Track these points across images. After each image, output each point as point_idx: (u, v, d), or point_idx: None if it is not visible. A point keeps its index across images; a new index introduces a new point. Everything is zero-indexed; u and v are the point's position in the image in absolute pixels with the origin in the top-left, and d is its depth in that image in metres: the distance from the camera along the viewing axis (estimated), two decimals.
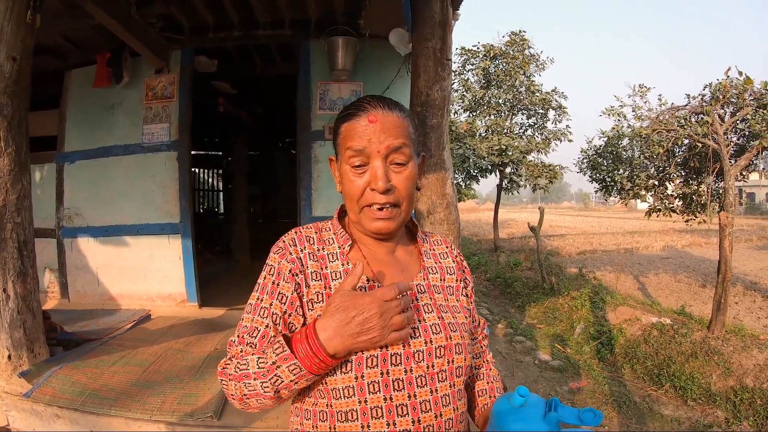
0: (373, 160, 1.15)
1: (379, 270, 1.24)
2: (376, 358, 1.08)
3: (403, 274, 1.26)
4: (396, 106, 1.21)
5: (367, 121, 1.15)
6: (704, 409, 5.16)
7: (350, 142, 1.16)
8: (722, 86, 6.78)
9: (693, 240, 18.71)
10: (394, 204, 1.18)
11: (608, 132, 9.92)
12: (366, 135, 1.14)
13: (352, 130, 1.16)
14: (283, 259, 1.19)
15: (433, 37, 3.54)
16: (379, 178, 1.14)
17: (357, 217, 1.21)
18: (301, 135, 5.72)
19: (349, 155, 1.16)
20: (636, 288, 10.56)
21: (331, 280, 1.18)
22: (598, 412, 0.94)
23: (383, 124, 1.15)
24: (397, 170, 1.17)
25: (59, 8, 4.78)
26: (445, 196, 3.53)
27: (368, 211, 1.18)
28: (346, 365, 1.07)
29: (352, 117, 1.17)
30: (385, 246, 1.28)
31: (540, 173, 14.68)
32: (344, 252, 1.24)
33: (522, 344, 7.12)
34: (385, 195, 1.15)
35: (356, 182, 1.17)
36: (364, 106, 1.18)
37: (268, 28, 5.67)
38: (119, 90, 5.82)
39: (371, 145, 1.14)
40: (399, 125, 1.17)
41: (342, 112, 1.22)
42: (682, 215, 8.93)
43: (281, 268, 1.18)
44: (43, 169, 6.20)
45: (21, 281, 3.52)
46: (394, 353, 1.09)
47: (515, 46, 14.79)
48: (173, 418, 2.97)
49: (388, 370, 1.08)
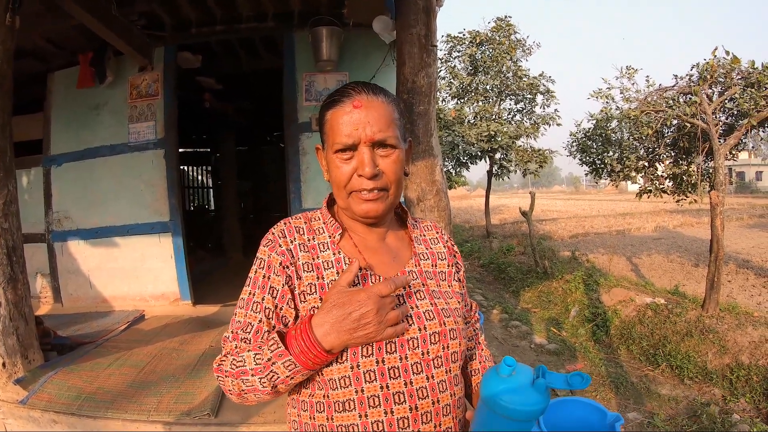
0: (360, 146, 1.15)
1: (371, 257, 1.24)
2: (371, 347, 1.09)
3: (394, 261, 1.27)
4: (381, 90, 1.21)
5: (352, 106, 1.14)
6: (701, 387, 5.19)
7: (336, 129, 1.15)
8: (710, 66, 6.78)
9: (684, 220, 18.82)
10: (381, 188, 1.17)
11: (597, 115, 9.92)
12: (352, 121, 1.14)
13: (337, 117, 1.16)
14: (273, 251, 1.19)
15: (417, 23, 3.51)
16: (366, 164, 1.13)
17: (345, 203, 1.21)
18: (289, 128, 5.68)
19: (335, 142, 1.15)
20: (629, 269, 10.61)
21: (324, 270, 1.19)
22: (585, 376, 0.94)
23: (368, 109, 1.14)
24: (383, 154, 1.17)
25: (39, 9, 4.70)
26: (434, 183, 3.51)
27: (356, 196, 1.18)
28: (341, 355, 1.08)
29: (336, 104, 1.17)
30: (375, 233, 1.28)
31: (530, 158, 14.68)
32: (335, 241, 1.24)
33: (517, 329, 7.14)
34: (373, 180, 1.16)
35: (343, 168, 1.16)
36: (348, 92, 1.17)
37: (251, 21, 5.62)
38: (103, 90, 5.75)
39: (357, 131, 1.13)
40: (384, 110, 1.17)
41: (326, 99, 1.22)
42: (672, 196, 8.95)
43: (272, 261, 1.18)
44: (30, 174, 6.12)
45: (12, 287, 3.48)
46: (389, 341, 1.10)
47: (501, 31, 14.75)
48: (170, 418, 2.96)
49: (383, 359, 1.09)
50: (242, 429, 2.90)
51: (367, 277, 1.19)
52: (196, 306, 5.81)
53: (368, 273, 1.20)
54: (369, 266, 1.21)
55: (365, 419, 1.07)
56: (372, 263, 1.23)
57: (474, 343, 1.46)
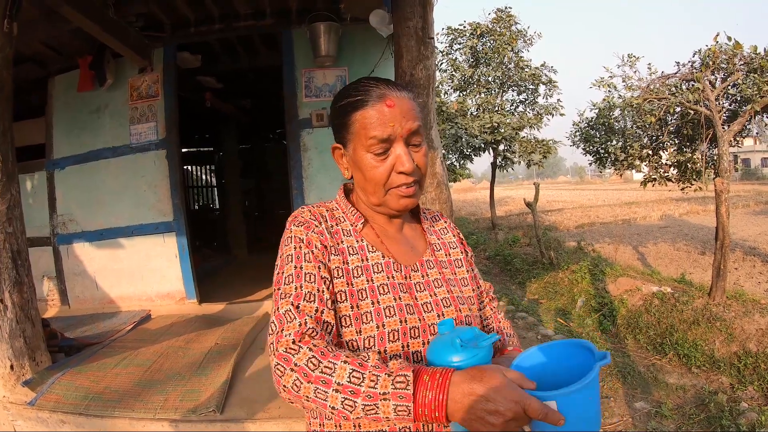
0: (396, 144, 1.18)
1: (391, 247, 1.28)
2: (397, 332, 1.12)
3: (412, 251, 1.31)
4: (402, 86, 1.24)
5: (386, 106, 1.16)
6: (708, 375, 5.18)
7: (369, 128, 1.16)
8: (712, 52, 6.75)
9: (690, 208, 18.74)
10: (416, 181, 1.22)
11: (599, 103, 9.90)
12: (388, 121, 1.16)
13: (370, 116, 1.17)
14: (310, 230, 1.20)
15: (413, 16, 3.51)
16: (406, 161, 1.16)
17: (381, 200, 1.23)
18: (289, 124, 5.68)
19: (372, 143, 1.16)
20: (635, 258, 10.58)
21: (348, 255, 1.21)
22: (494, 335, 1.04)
23: (401, 108, 1.17)
24: (415, 150, 1.21)
25: (37, 15, 4.71)
26: (435, 176, 3.52)
27: (394, 192, 1.21)
28: (369, 341, 1.11)
29: (364, 104, 1.18)
30: (395, 224, 1.32)
31: (533, 149, 14.64)
32: (357, 229, 1.27)
33: (524, 320, 7.14)
34: (412, 175, 1.19)
35: (380, 168, 1.18)
36: (372, 90, 1.18)
37: (249, 19, 5.61)
38: (104, 92, 5.76)
39: (394, 128, 1.16)
40: (412, 106, 1.20)
41: (346, 98, 1.22)
42: (677, 183, 8.93)
43: (311, 238, 1.19)
44: (34, 178, 6.15)
45: (17, 291, 3.50)
46: (413, 326, 1.14)
47: (502, 22, 14.69)
48: (176, 415, 2.98)
49: (408, 343, 1.13)
50: (248, 425, 2.91)
51: (390, 265, 1.22)
52: (202, 304, 5.82)
53: (391, 261, 1.23)
54: (392, 255, 1.25)
55: None
56: (393, 252, 1.26)
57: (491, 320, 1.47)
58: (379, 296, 1.16)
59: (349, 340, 1.12)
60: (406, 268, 1.24)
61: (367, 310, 1.13)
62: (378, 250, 1.23)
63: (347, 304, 1.14)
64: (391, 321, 1.12)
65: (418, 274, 1.25)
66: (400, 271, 1.22)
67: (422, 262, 1.28)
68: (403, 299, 1.17)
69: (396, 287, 1.18)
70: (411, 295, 1.19)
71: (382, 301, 1.15)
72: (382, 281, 1.18)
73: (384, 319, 1.12)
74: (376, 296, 1.15)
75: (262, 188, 12.83)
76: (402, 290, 1.18)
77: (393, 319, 1.13)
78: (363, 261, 1.21)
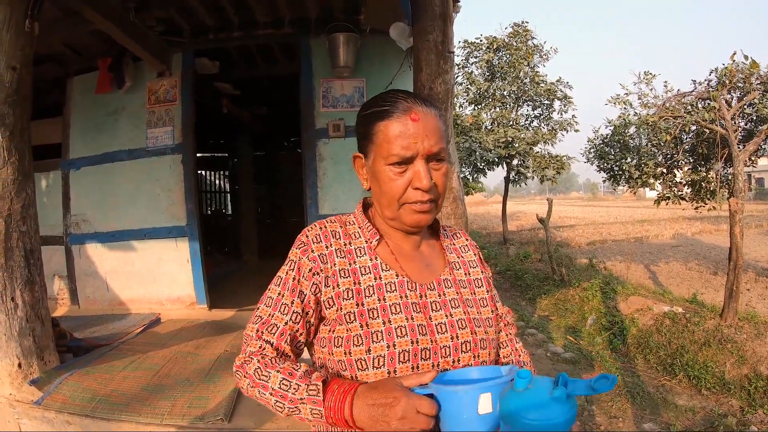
0: (417, 160, 1.15)
1: (406, 265, 1.25)
2: (408, 353, 1.10)
3: (427, 269, 1.27)
4: (429, 102, 1.21)
5: (410, 119, 1.14)
6: (718, 398, 5.11)
7: (392, 141, 1.14)
8: (728, 71, 6.70)
9: (703, 227, 18.58)
10: (433, 200, 1.18)
11: (615, 121, 9.84)
12: (411, 135, 1.13)
13: (393, 128, 1.15)
14: (305, 255, 1.20)
15: (434, 30, 3.50)
16: (423, 178, 1.14)
17: (395, 213, 1.20)
18: (306, 133, 5.70)
19: (392, 154, 1.14)
20: (647, 277, 10.48)
21: (360, 275, 1.19)
22: (611, 376, 0.90)
23: (425, 123, 1.15)
24: (436, 167, 1.18)
25: (58, 16, 4.78)
26: (451, 190, 3.49)
27: (408, 207, 1.18)
28: (378, 360, 1.10)
29: (389, 115, 1.16)
30: (411, 240, 1.29)
31: (547, 164, 14.61)
32: (372, 246, 1.24)
33: (534, 337, 7.08)
34: (428, 192, 1.16)
35: (398, 181, 1.16)
36: (401, 102, 1.16)
37: (268, 27, 5.66)
38: (122, 95, 5.83)
39: (416, 144, 1.13)
40: (437, 124, 1.18)
41: (372, 107, 1.20)
42: (691, 202, 8.86)
43: (302, 264, 1.20)
44: (49, 177, 6.21)
45: (29, 289, 3.53)
46: (424, 348, 1.12)
47: (518, 37, 14.71)
48: (183, 422, 2.97)
49: (418, 365, 1.10)
50: None
51: (404, 284, 1.19)
52: (212, 310, 5.83)
53: (405, 280, 1.20)
54: (406, 274, 1.22)
55: None
56: (407, 270, 1.23)
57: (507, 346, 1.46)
58: (391, 315, 1.13)
59: (358, 359, 1.10)
60: (421, 287, 1.21)
61: (378, 329, 1.11)
62: (392, 269, 1.21)
63: (356, 324, 1.13)
64: (403, 341, 1.10)
65: (435, 293, 1.22)
66: (414, 290, 1.19)
67: (439, 281, 1.25)
68: (415, 319, 1.14)
69: (409, 307, 1.16)
70: (425, 315, 1.16)
71: (394, 321, 1.13)
72: (395, 300, 1.16)
73: (395, 339, 1.10)
74: (388, 315, 1.13)
75: (275, 195, 12.84)
76: (415, 310, 1.16)
77: (404, 339, 1.11)
78: (376, 279, 1.19)
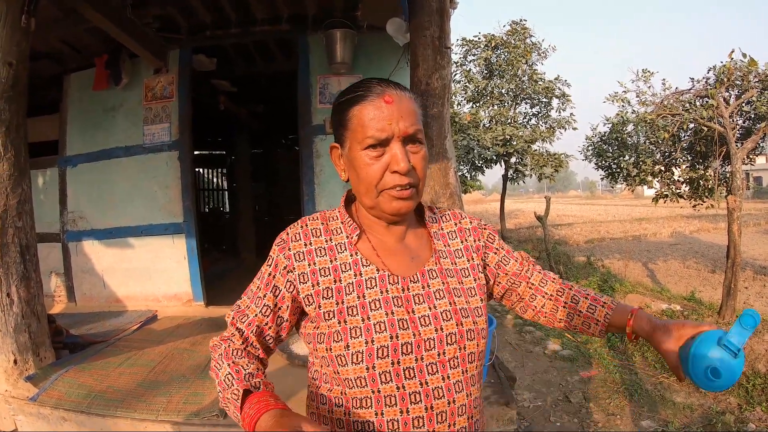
0: (393, 143, 1.12)
1: (388, 259, 1.22)
2: (387, 348, 1.08)
3: (413, 262, 1.24)
4: (404, 87, 1.19)
5: (383, 101, 1.12)
6: (716, 395, 5.11)
7: (366, 124, 1.12)
8: (727, 69, 6.72)
9: (701, 225, 18.63)
10: (413, 185, 1.15)
11: (613, 118, 9.86)
12: (384, 116, 1.11)
13: (367, 112, 1.12)
14: (282, 253, 1.21)
15: (430, 25, 3.50)
16: (401, 160, 1.11)
17: (374, 201, 1.17)
18: (303, 130, 5.68)
19: (366, 137, 1.12)
20: (645, 275, 10.50)
21: (341, 273, 1.18)
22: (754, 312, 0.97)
23: (399, 105, 1.12)
24: (413, 150, 1.15)
25: (55, 12, 4.76)
26: (448, 186, 3.49)
27: (387, 194, 1.15)
28: (357, 356, 1.08)
29: (362, 99, 1.14)
30: (395, 232, 1.25)
31: (545, 162, 14.65)
32: (352, 242, 1.22)
33: (531, 334, 7.09)
34: (407, 176, 1.13)
35: (374, 166, 1.13)
36: (374, 87, 1.14)
37: (265, 24, 5.64)
38: (119, 92, 5.80)
39: (391, 125, 1.11)
40: (412, 106, 1.16)
41: (346, 94, 1.18)
42: (689, 200, 8.87)
43: (278, 261, 1.21)
44: (46, 174, 6.20)
45: (24, 285, 3.52)
46: (406, 342, 1.10)
47: (516, 35, 14.75)
48: (179, 418, 2.96)
49: (399, 360, 1.09)
50: None
51: (385, 278, 1.17)
52: (209, 307, 5.82)
53: (386, 274, 1.18)
54: (386, 268, 1.20)
55: (381, 417, 1.08)
56: (389, 265, 1.20)
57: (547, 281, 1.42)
58: (371, 312, 1.12)
59: (338, 355, 1.10)
60: (403, 280, 1.18)
61: (356, 326, 1.10)
62: (372, 264, 1.19)
63: (335, 320, 1.12)
64: (381, 337, 1.09)
65: (418, 285, 1.19)
66: (396, 283, 1.17)
67: (423, 272, 1.21)
68: (396, 314, 1.12)
69: (390, 301, 1.14)
70: (407, 308, 1.14)
71: (373, 317, 1.11)
72: (375, 296, 1.14)
73: (374, 334, 1.09)
74: (367, 312, 1.12)
75: (272, 193, 12.83)
76: (396, 304, 1.14)
77: (383, 335, 1.09)
78: (356, 276, 1.17)
